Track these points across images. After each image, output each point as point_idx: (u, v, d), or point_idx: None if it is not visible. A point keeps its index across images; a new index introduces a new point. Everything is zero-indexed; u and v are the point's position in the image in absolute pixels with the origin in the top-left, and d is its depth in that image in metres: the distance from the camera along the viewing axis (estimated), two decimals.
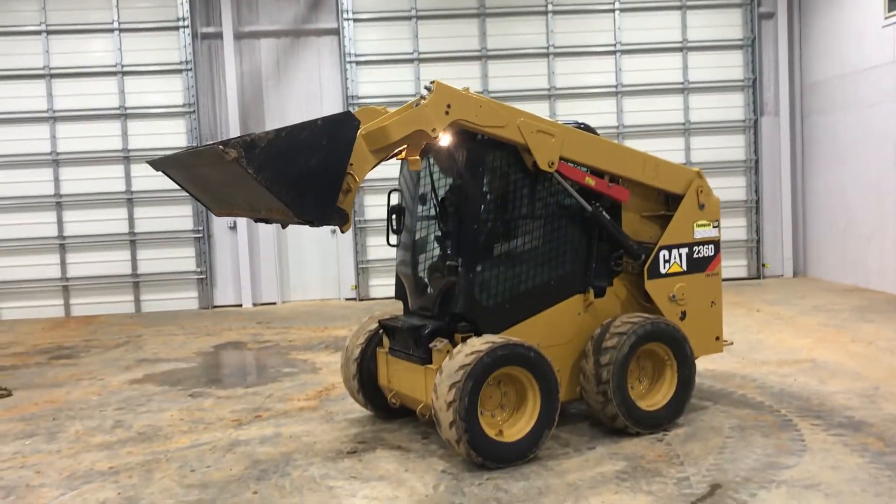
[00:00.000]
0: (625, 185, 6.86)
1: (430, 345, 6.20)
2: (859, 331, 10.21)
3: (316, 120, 5.35)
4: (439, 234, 6.69)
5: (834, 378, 8.04)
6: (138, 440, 7.05)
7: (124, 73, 15.03)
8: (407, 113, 5.85)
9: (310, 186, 5.35)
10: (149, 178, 15.00)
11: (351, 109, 14.94)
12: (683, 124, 15.64)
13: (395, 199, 7.06)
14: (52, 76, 14.94)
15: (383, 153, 5.87)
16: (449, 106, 5.91)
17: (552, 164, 6.38)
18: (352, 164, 5.59)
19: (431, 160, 6.82)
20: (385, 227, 6.99)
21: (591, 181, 6.62)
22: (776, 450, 6.07)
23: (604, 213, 6.69)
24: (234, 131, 14.89)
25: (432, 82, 5.93)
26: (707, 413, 7.02)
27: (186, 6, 14.94)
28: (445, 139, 6.35)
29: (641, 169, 6.88)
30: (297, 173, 5.28)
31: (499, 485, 5.58)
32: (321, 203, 5.44)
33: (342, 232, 5.70)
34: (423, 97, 5.90)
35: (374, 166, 5.97)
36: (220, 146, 5.10)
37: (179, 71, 15.13)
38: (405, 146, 6.10)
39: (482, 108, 6.06)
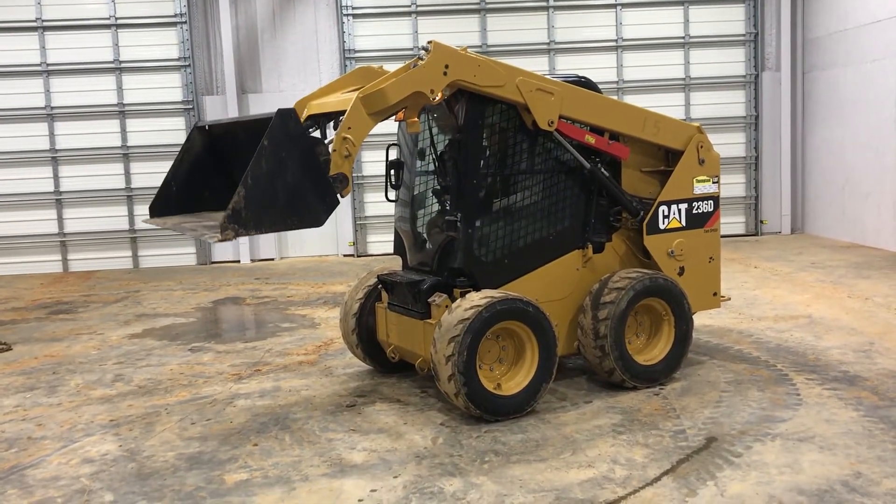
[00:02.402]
0: (625, 141, 6.81)
1: (429, 299, 6.22)
2: (856, 287, 10.25)
3: (262, 141, 5.22)
4: (438, 188, 6.67)
5: (830, 333, 8.09)
6: (138, 394, 7.10)
7: (118, 26, 14.83)
8: (404, 74, 5.75)
9: (304, 199, 5.34)
10: (144, 133, 15.00)
11: (347, 64, 14.84)
12: (684, 79, 15.50)
13: (393, 154, 7.01)
14: (45, 29, 14.73)
15: (381, 116, 5.80)
16: (447, 66, 5.82)
17: (552, 122, 6.32)
18: (350, 128, 5.54)
19: (430, 115, 6.77)
20: (384, 183, 6.96)
21: (591, 139, 6.58)
22: (771, 403, 6.13)
23: (603, 169, 6.66)
24: (230, 85, 14.75)
25: (430, 42, 5.84)
26: (703, 367, 7.08)
27: None
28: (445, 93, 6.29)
29: (642, 126, 6.82)
30: (287, 199, 5.27)
31: (497, 437, 5.64)
32: (322, 200, 5.42)
33: (342, 196, 5.65)
34: (420, 58, 5.81)
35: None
36: (217, 237, 5.12)
37: (174, 24, 14.93)
38: (403, 108, 6.00)
39: (480, 67, 5.98)
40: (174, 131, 15.08)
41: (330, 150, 5.52)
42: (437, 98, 5.88)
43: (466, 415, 5.98)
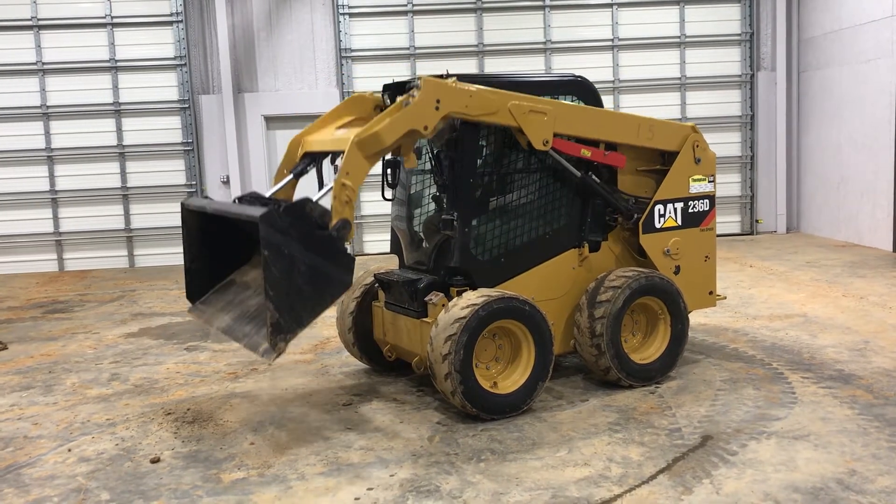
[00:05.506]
0: (621, 149, 6.83)
1: (426, 298, 6.22)
2: (851, 286, 10.28)
3: (262, 252, 5.19)
4: (434, 188, 6.68)
5: (825, 332, 8.11)
6: (135, 393, 7.09)
7: (114, 25, 14.81)
8: (398, 115, 5.76)
9: (325, 273, 5.37)
10: (140, 132, 14.98)
11: (343, 63, 14.83)
12: (680, 79, 15.52)
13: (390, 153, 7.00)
14: (41, 27, 14.70)
15: (377, 157, 5.84)
16: (438, 101, 5.83)
17: (546, 142, 6.33)
18: (348, 174, 5.57)
19: None
20: (380, 182, 6.95)
21: (587, 152, 6.59)
22: (767, 402, 6.15)
23: (594, 177, 6.66)
24: (226, 84, 14.74)
25: (419, 78, 5.85)
26: (699, 366, 7.10)
27: None
28: None
29: (636, 133, 6.83)
30: (311, 285, 5.30)
31: (493, 436, 5.65)
32: (338, 263, 5.44)
33: (347, 241, 5.62)
34: (411, 95, 5.81)
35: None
36: (274, 356, 5.21)
37: (170, 23, 14.91)
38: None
39: (472, 97, 5.98)
40: (170, 130, 15.08)
41: (330, 197, 5.56)
42: (431, 132, 5.89)
43: (463, 413, 5.99)
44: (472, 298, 5.86)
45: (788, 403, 6.10)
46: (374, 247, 15.33)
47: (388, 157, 6.89)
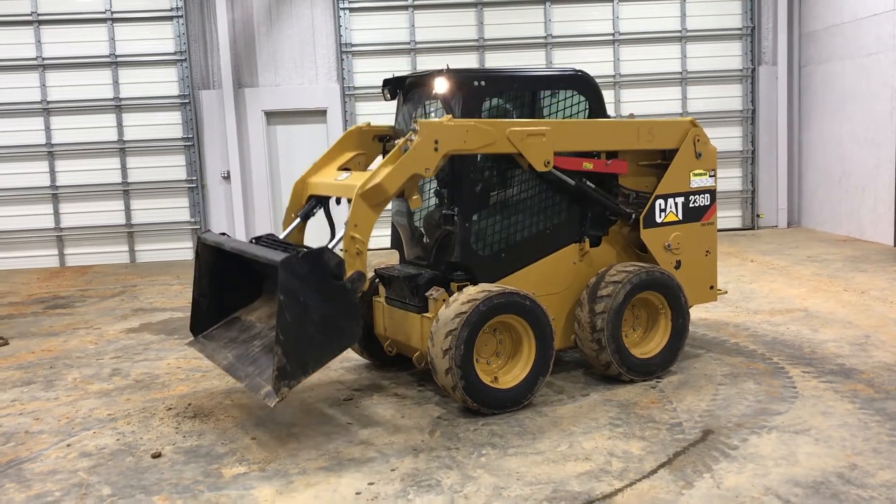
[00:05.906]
0: (622, 153, 6.82)
1: (427, 294, 6.22)
2: (852, 280, 10.27)
3: (278, 296, 5.20)
4: (435, 183, 6.67)
5: (826, 327, 8.11)
6: (136, 388, 7.10)
7: (114, 20, 14.78)
8: (398, 162, 5.78)
9: (335, 323, 5.39)
10: (141, 128, 14.97)
11: (344, 58, 14.80)
12: (681, 73, 15.50)
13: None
14: (41, 23, 14.68)
15: (384, 205, 5.89)
16: (437, 142, 5.84)
17: (548, 162, 6.33)
18: (356, 226, 5.63)
19: (427, 108, 6.78)
20: None
21: (588, 165, 6.60)
22: (767, 396, 6.15)
23: (588, 183, 6.66)
24: (226, 79, 14.71)
25: (415, 122, 5.87)
26: (700, 361, 7.10)
27: None
28: (441, 86, 6.30)
29: (636, 137, 6.82)
30: (321, 334, 5.32)
31: (494, 430, 5.65)
32: (348, 314, 5.46)
33: (362, 292, 5.64)
34: (409, 139, 5.83)
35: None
36: (276, 401, 5.19)
37: (170, 18, 14.88)
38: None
39: (469, 132, 5.98)
40: (170, 126, 15.07)
41: (341, 251, 5.59)
42: (433, 173, 5.93)
43: (464, 408, 5.99)
44: (473, 293, 5.86)
45: (789, 398, 6.10)
46: (374, 242, 15.28)
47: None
